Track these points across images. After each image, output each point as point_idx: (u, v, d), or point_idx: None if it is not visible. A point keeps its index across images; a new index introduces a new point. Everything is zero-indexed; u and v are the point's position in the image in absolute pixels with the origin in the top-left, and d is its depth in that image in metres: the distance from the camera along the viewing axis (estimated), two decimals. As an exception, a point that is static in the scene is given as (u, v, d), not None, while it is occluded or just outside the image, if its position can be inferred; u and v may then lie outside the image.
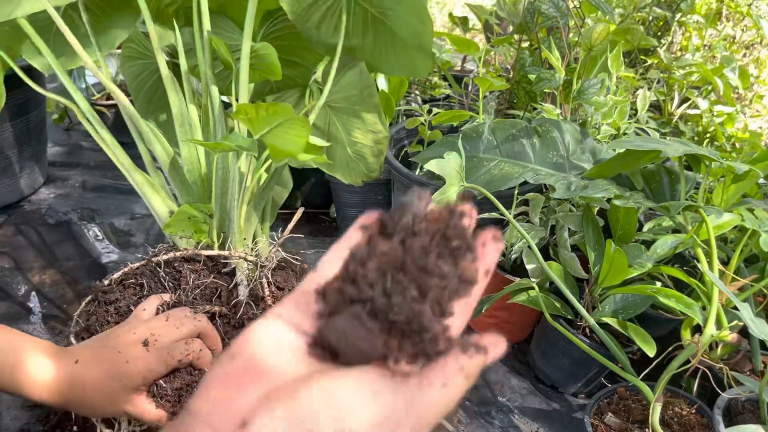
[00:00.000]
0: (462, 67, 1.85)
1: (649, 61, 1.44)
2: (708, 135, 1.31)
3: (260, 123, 0.61)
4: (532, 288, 0.93)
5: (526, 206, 1.09)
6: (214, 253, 0.75)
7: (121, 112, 0.80)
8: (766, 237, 0.84)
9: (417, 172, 1.26)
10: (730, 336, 0.83)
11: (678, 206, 0.86)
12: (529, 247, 0.94)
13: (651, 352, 0.85)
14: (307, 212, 1.50)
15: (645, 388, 0.80)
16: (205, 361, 0.66)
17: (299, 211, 0.81)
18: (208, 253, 0.75)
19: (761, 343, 0.91)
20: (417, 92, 1.61)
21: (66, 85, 0.75)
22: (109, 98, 1.78)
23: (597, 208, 1.03)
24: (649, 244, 0.94)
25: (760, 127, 1.33)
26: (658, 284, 0.92)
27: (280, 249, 0.77)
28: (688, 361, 0.79)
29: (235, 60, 0.73)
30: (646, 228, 0.98)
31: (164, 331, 0.63)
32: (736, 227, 0.92)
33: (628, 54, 1.45)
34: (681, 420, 0.86)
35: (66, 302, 1.14)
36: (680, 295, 0.82)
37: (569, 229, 1.03)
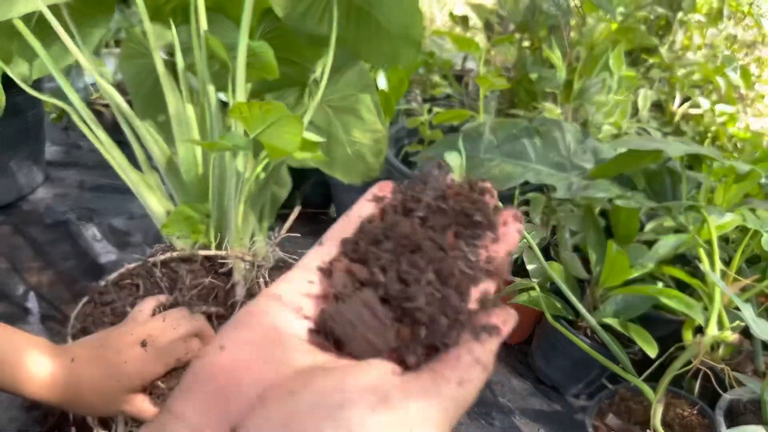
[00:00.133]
0: (462, 66, 1.84)
1: (651, 61, 1.44)
2: (710, 135, 1.31)
3: (255, 121, 0.60)
4: (533, 288, 0.93)
5: (527, 206, 1.09)
6: (211, 253, 0.74)
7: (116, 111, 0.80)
8: (767, 237, 0.83)
9: (417, 171, 1.26)
10: (732, 337, 0.82)
11: (680, 206, 0.86)
12: (530, 247, 0.93)
13: (652, 353, 0.85)
14: (306, 212, 1.50)
15: (646, 389, 0.80)
16: None
17: (296, 210, 0.81)
18: (205, 253, 0.74)
19: (763, 343, 0.91)
20: (417, 91, 1.60)
21: (61, 84, 0.74)
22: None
23: (599, 209, 1.02)
24: (650, 244, 0.93)
25: (762, 127, 1.32)
26: (660, 285, 0.91)
27: (277, 249, 0.77)
28: (689, 362, 0.79)
29: (232, 58, 0.73)
30: (647, 228, 0.97)
31: (162, 332, 0.63)
32: (737, 227, 0.91)
33: (629, 53, 1.45)
34: (683, 421, 0.85)
35: (64, 303, 1.13)
36: (682, 296, 0.82)
37: (570, 229, 1.02)
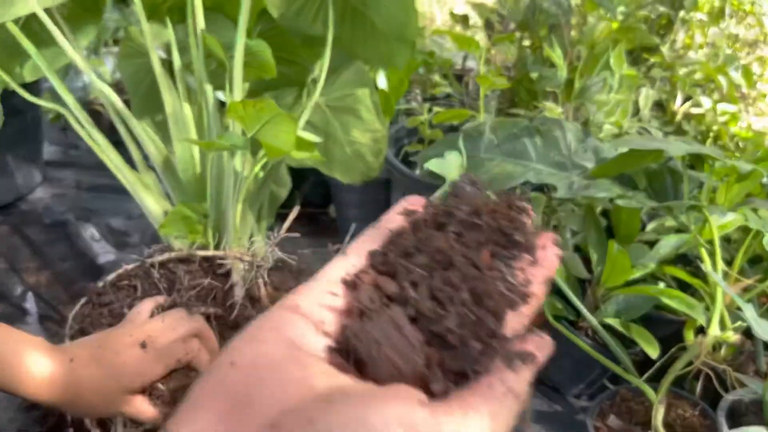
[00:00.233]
0: (463, 65, 1.84)
1: (652, 60, 1.43)
2: (711, 134, 1.30)
3: (251, 121, 0.60)
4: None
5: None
6: (209, 253, 0.74)
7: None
8: (769, 237, 0.83)
9: (417, 171, 1.25)
10: (734, 337, 0.82)
11: (681, 206, 0.85)
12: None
13: (654, 353, 0.84)
14: (306, 212, 1.49)
15: (648, 389, 0.79)
16: (202, 361, 0.66)
17: (295, 210, 0.80)
18: (203, 253, 0.74)
19: (765, 344, 0.90)
20: (417, 91, 1.60)
21: (56, 86, 0.74)
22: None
23: (600, 208, 1.02)
24: (652, 244, 0.93)
25: (764, 126, 1.32)
26: (661, 285, 0.91)
27: (276, 249, 0.76)
28: (691, 363, 0.78)
29: (230, 57, 0.72)
30: (649, 228, 0.97)
31: (161, 333, 0.63)
32: (739, 227, 0.91)
33: (630, 52, 1.44)
34: (684, 422, 0.85)
35: (62, 303, 1.13)
36: (683, 296, 0.81)
37: (571, 229, 1.02)
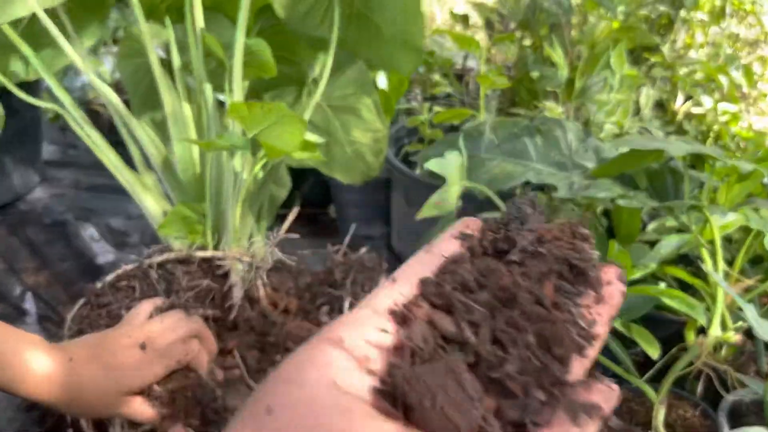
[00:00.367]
0: (463, 65, 1.84)
1: (653, 59, 1.43)
2: (712, 134, 1.30)
3: (254, 121, 0.60)
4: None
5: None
6: (208, 254, 0.74)
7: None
8: (770, 237, 0.83)
9: (417, 171, 1.25)
10: (735, 337, 0.82)
11: (682, 206, 0.85)
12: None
13: (654, 353, 0.84)
14: (306, 212, 1.49)
15: (648, 390, 0.79)
16: (202, 362, 0.66)
17: (294, 210, 0.80)
18: (202, 254, 0.73)
19: (766, 344, 0.90)
20: (417, 90, 1.59)
21: (53, 87, 0.74)
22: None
23: (600, 208, 1.01)
24: (652, 244, 0.93)
25: (765, 126, 1.32)
26: (662, 285, 0.91)
27: (276, 249, 0.76)
28: (692, 363, 0.78)
29: (229, 57, 0.72)
30: (649, 228, 0.96)
31: (160, 334, 0.63)
32: (740, 227, 0.91)
33: (631, 52, 1.44)
34: (685, 422, 0.85)
35: (61, 303, 1.13)
36: (684, 296, 0.81)
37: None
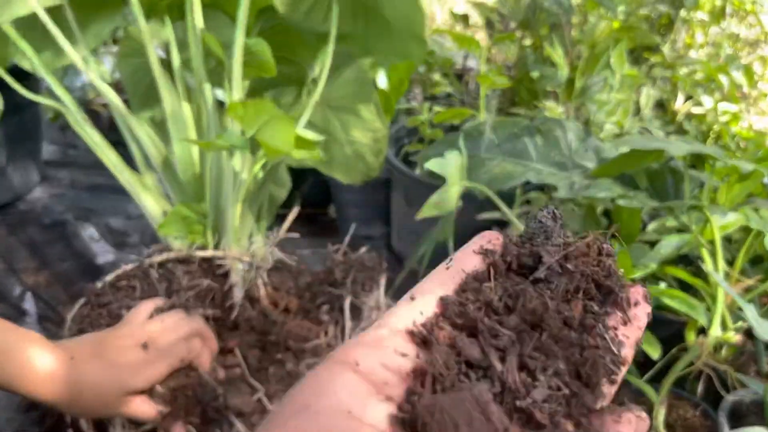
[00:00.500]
0: (463, 65, 1.84)
1: (653, 59, 1.43)
2: (712, 134, 1.30)
3: (250, 121, 0.60)
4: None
5: (529, 206, 1.08)
6: (208, 254, 0.74)
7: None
8: (771, 237, 0.83)
9: (417, 170, 1.25)
10: (735, 338, 0.82)
11: (682, 206, 0.85)
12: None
13: (655, 354, 0.84)
14: (306, 212, 1.49)
15: (649, 390, 0.79)
16: (204, 361, 0.65)
17: (294, 210, 0.80)
18: (202, 254, 0.73)
19: (766, 344, 0.90)
20: (417, 90, 1.59)
21: (53, 86, 0.74)
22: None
23: (601, 208, 1.01)
24: (653, 244, 0.93)
25: (766, 126, 1.32)
26: (663, 285, 0.90)
27: (276, 249, 0.76)
28: (692, 363, 0.78)
29: (229, 56, 0.72)
30: (650, 228, 0.96)
31: (162, 333, 0.63)
32: (740, 227, 0.90)
33: (631, 52, 1.44)
34: (685, 423, 0.84)
35: (61, 304, 1.13)
36: (684, 296, 0.81)
37: (572, 229, 1.01)
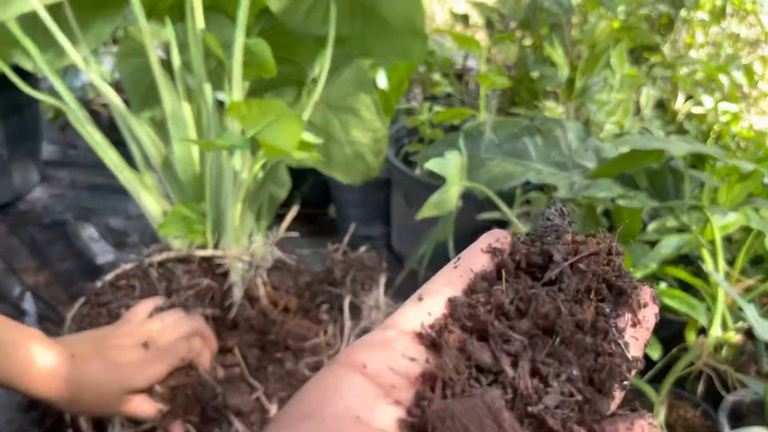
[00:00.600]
0: (463, 64, 1.84)
1: (653, 59, 1.43)
2: (713, 133, 1.30)
3: (253, 120, 0.60)
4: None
5: (529, 206, 1.08)
6: (208, 253, 0.74)
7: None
8: (771, 237, 0.83)
9: (417, 170, 1.25)
10: (736, 338, 0.81)
11: (683, 206, 0.85)
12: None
13: (655, 354, 0.84)
14: (306, 212, 1.49)
15: (649, 390, 0.79)
16: (204, 360, 0.65)
17: (293, 210, 0.80)
18: (201, 253, 0.73)
19: (766, 344, 0.90)
20: (417, 90, 1.59)
21: (55, 84, 0.74)
22: (107, 97, 1.76)
23: (601, 208, 1.01)
24: (653, 244, 0.93)
25: (766, 126, 1.32)
26: (663, 285, 0.90)
27: (275, 249, 0.76)
28: (692, 363, 0.78)
29: (229, 57, 0.72)
30: (650, 228, 0.96)
31: (162, 332, 0.63)
32: (741, 227, 0.90)
33: (631, 51, 1.44)
34: (686, 423, 0.84)
35: (61, 303, 1.13)
36: (685, 296, 0.81)
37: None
